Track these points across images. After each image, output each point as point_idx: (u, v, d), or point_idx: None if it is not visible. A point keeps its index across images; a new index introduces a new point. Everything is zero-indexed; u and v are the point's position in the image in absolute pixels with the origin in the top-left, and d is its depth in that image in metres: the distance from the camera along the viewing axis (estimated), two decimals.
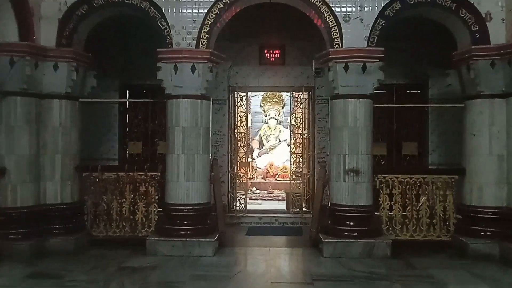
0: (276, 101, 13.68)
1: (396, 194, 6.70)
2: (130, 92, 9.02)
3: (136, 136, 8.86)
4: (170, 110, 6.56)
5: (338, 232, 6.37)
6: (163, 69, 6.47)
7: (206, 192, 6.62)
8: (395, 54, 6.50)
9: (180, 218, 6.45)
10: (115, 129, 8.87)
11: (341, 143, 6.47)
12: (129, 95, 9.02)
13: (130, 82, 8.88)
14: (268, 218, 8.59)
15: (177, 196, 6.46)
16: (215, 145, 8.70)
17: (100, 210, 6.83)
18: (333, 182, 6.58)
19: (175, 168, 6.46)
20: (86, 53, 6.91)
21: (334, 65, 6.42)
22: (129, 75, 8.74)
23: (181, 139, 6.45)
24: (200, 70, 6.42)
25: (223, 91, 8.82)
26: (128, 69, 8.70)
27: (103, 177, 6.80)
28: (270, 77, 8.97)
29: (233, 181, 8.85)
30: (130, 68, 8.67)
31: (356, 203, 6.38)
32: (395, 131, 8.77)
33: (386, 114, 8.41)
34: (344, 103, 6.45)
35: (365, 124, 6.44)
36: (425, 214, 6.71)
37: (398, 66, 8.25)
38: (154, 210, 6.78)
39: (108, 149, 8.83)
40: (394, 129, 8.77)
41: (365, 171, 6.42)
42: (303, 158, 9.04)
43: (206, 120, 6.62)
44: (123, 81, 8.87)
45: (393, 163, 8.61)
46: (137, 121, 8.99)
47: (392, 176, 6.72)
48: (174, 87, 6.48)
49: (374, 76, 6.40)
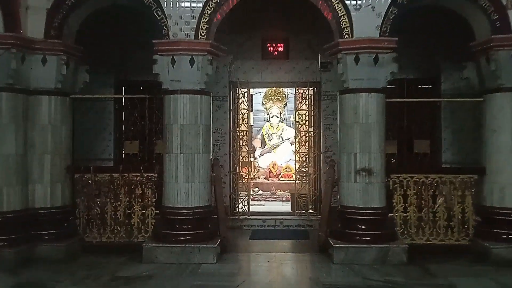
0: (279, 98, 13.27)
1: (411, 195, 6.24)
2: (126, 88, 8.58)
3: (133, 135, 8.48)
4: (167, 106, 6.10)
5: (349, 236, 5.92)
6: (160, 62, 6.02)
7: (207, 194, 6.16)
8: (405, 47, 6.07)
9: (178, 222, 6.00)
10: (110, 127, 8.44)
11: (351, 141, 6.02)
12: (125, 91, 8.58)
13: (126, 78, 8.45)
14: (273, 221, 8.15)
15: (175, 199, 6.01)
16: (216, 144, 8.26)
17: (93, 214, 6.37)
18: (343, 182, 6.12)
19: (173, 168, 6.01)
20: (77, 46, 6.45)
21: (343, 57, 5.96)
22: (125, 71, 8.30)
23: (179, 138, 6.00)
24: (199, 63, 5.97)
25: (224, 87, 8.37)
26: (124, 64, 8.25)
27: (96, 179, 6.34)
28: (273, 72, 8.53)
29: (235, 182, 8.40)
30: (126, 63, 8.23)
31: (369, 205, 5.93)
32: (405, 128, 8.33)
33: (397, 110, 7.96)
34: (355, 97, 5.99)
35: (378, 120, 5.98)
36: (443, 216, 6.25)
37: (408, 60, 7.77)
38: (151, 214, 6.33)
39: (103, 148, 8.39)
40: (405, 126, 8.33)
41: (378, 171, 5.97)
42: (308, 157, 8.59)
43: (206, 117, 6.16)
44: (118, 76, 8.44)
45: (404, 162, 8.19)
46: (133, 119, 8.58)
47: (407, 176, 6.26)
48: (171, 82, 6.03)
49: (387, 68, 5.95)
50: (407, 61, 7.70)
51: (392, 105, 7.08)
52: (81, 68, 6.63)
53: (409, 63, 7.91)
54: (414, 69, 8.20)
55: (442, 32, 7.71)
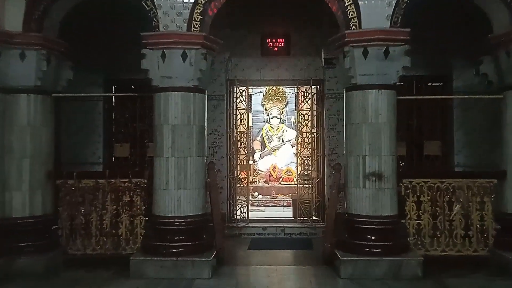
0: (279, 98, 12.80)
1: (425, 201, 5.70)
2: (116, 87, 8.06)
3: (124, 138, 8.00)
4: (157, 105, 5.57)
5: (358, 248, 5.37)
6: (149, 57, 5.50)
7: (201, 202, 5.62)
8: (414, 43, 5.55)
9: (170, 233, 5.46)
10: (99, 129, 7.92)
11: (360, 142, 5.48)
12: (116, 90, 8.06)
13: (116, 77, 7.93)
14: (273, 228, 7.61)
15: (166, 207, 5.47)
16: (212, 146, 7.75)
17: (77, 223, 5.81)
18: (350, 188, 5.58)
19: (164, 173, 5.47)
20: (60, 40, 5.91)
21: (351, 50, 5.43)
22: (115, 69, 7.75)
23: (170, 140, 5.47)
24: (192, 57, 5.44)
25: (221, 85, 7.85)
26: (114, 61, 7.69)
27: (80, 185, 5.80)
28: (273, 70, 8.03)
29: (233, 187, 7.86)
30: (116, 61, 7.66)
31: (379, 213, 5.39)
32: (415, 128, 7.81)
33: (405, 109, 7.42)
34: (363, 94, 5.46)
35: (388, 119, 5.45)
36: (459, 225, 5.71)
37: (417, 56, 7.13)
38: (140, 224, 5.78)
39: (92, 152, 7.87)
40: (415, 126, 7.81)
41: (389, 175, 5.43)
42: (311, 160, 8.06)
43: (200, 116, 5.63)
44: (108, 75, 7.93)
45: (413, 166, 7.67)
46: (124, 120, 8.07)
47: (420, 180, 5.72)
48: (162, 78, 5.50)
49: (398, 62, 5.43)
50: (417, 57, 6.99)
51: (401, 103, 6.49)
52: (65, 65, 6.11)
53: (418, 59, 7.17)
54: (424, 65, 7.64)
55: (454, 25, 7.20)
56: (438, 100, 7.74)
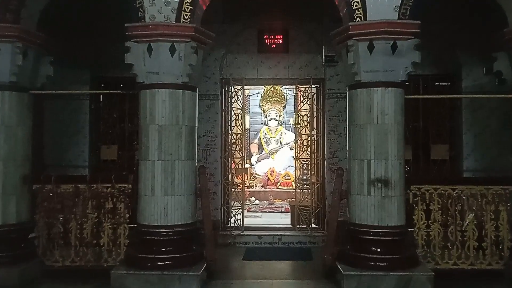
0: (277, 100, 12.33)
1: (435, 210, 5.23)
2: (104, 85, 7.53)
3: (111, 139, 7.50)
4: (143, 103, 5.11)
5: (362, 261, 4.90)
6: (134, 51, 5.04)
7: (190, 209, 5.14)
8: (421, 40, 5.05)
9: (155, 243, 4.98)
10: (85, 130, 7.43)
11: (364, 145, 5.01)
12: (103, 89, 7.52)
13: (104, 74, 7.43)
14: (270, 237, 7.12)
15: (152, 215, 4.99)
16: (206, 149, 7.29)
17: (55, 232, 5.33)
18: (353, 195, 5.11)
19: (149, 178, 5.00)
20: (38, 33, 5.44)
21: (355, 44, 4.97)
22: (102, 65, 7.27)
23: (157, 141, 5.00)
24: (182, 51, 4.98)
25: (215, 84, 7.38)
26: (101, 58, 7.22)
27: (58, 190, 5.31)
28: (271, 68, 7.56)
29: (228, 192, 7.37)
30: (103, 57, 7.18)
31: (385, 223, 4.92)
32: (421, 131, 7.34)
33: (411, 110, 6.94)
34: (368, 93, 5.00)
35: (396, 120, 4.99)
36: (472, 235, 5.23)
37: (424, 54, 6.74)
38: (123, 233, 5.29)
39: (77, 154, 7.37)
40: (421, 128, 7.34)
41: (396, 181, 4.96)
42: (311, 164, 7.57)
43: (190, 116, 5.16)
44: (95, 72, 7.44)
45: (419, 170, 7.19)
46: (112, 121, 7.57)
47: (430, 187, 5.25)
48: (148, 74, 5.04)
49: (407, 58, 4.98)
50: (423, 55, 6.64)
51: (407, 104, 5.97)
52: (44, 60, 5.66)
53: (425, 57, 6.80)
54: (431, 64, 7.17)
55: (462, 19, 6.77)
56: (446, 101, 7.29)
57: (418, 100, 7.14)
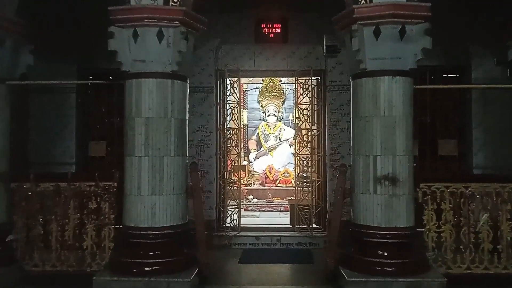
0: (276, 95, 11.95)
1: (447, 210, 4.82)
2: (92, 78, 7.12)
3: (100, 134, 7.08)
4: (128, 94, 4.70)
5: (367, 266, 4.49)
6: (118, 36, 4.63)
7: (180, 210, 4.73)
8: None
9: (142, 247, 4.57)
10: (72, 125, 7.03)
11: (370, 140, 4.60)
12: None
13: (92, 66, 7.01)
14: (268, 238, 6.71)
15: (138, 216, 4.58)
16: (200, 144, 6.87)
17: (34, 235, 4.93)
18: (358, 194, 4.70)
19: (135, 176, 4.59)
20: (17, 19, 5.01)
21: (360, 29, 4.55)
22: (91, 57, 6.84)
23: (143, 135, 4.59)
24: (170, 37, 4.56)
25: (209, 76, 6.95)
26: (89, 48, 6.76)
27: (38, 189, 4.90)
28: (268, 59, 7.15)
29: (223, 191, 6.96)
30: (91, 48, 6.71)
31: (393, 225, 4.51)
32: (429, 125, 6.92)
33: (418, 103, 6.44)
34: (374, 82, 4.59)
35: (404, 112, 4.58)
36: (487, 237, 4.82)
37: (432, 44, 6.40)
38: (108, 235, 4.88)
39: (63, 150, 6.96)
40: (428, 122, 6.93)
41: (405, 179, 4.55)
42: (311, 161, 7.16)
43: (180, 108, 4.74)
44: (83, 64, 7.02)
45: (426, 167, 6.79)
46: (100, 115, 7.15)
47: (441, 185, 4.83)
48: (133, 62, 4.63)
49: (416, 44, 4.57)
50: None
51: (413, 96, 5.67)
52: (24, 49, 5.23)
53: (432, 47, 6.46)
54: (439, 54, 6.70)
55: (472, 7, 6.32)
56: (455, 93, 6.91)
57: (425, 92, 6.73)
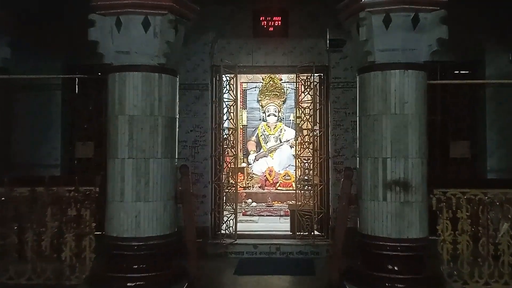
0: (276, 94, 11.52)
1: (464, 219, 4.35)
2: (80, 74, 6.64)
3: (87, 135, 6.63)
4: (111, 89, 4.24)
5: (376, 281, 4.03)
6: (99, 25, 4.18)
7: (168, 218, 4.26)
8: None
9: (126, 259, 4.10)
10: (57, 124, 6.57)
11: (378, 140, 4.14)
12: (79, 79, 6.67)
13: (79, 61, 6.55)
14: (267, 246, 6.26)
15: (121, 225, 4.11)
16: (194, 145, 6.43)
17: (8, 244, 4.47)
18: (365, 201, 4.23)
19: (118, 180, 4.12)
20: None
21: (368, 17, 4.09)
22: (77, 52, 6.37)
23: (127, 135, 4.13)
24: (157, 26, 4.11)
25: (204, 72, 6.51)
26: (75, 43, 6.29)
27: (12, 194, 4.45)
28: (267, 54, 6.74)
29: (219, 195, 6.50)
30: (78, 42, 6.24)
31: (405, 236, 4.04)
32: (439, 125, 6.47)
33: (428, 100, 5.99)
34: (384, 76, 4.13)
35: (417, 110, 4.12)
36: (508, 249, 4.36)
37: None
38: (89, 246, 4.43)
39: (47, 152, 6.51)
40: (438, 122, 6.47)
41: (418, 184, 4.09)
42: (313, 163, 6.70)
43: (168, 105, 4.28)
44: (69, 60, 6.58)
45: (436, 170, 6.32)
46: (88, 114, 6.70)
47: (456, 191, 4.37)
48: (116, 54, 4.18)
49: (431, 34, 4.10)
50: None
51: None
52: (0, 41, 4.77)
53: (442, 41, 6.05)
54: (450, 49, 6.26)
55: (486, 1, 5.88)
56: (467, 91, 6.45)
57: (436, 89, 6.28)
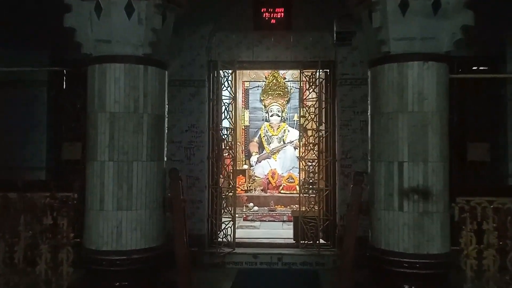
0: (280, 93, 11.06)
1: (490, 230, 3.84)
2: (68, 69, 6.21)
3: (74, 135, 6.15)
4: (90, 83, 3.80)
5: None
6: (77, 10, 3.75)
7: (155, 229, 3.79)
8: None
9: (106, 275, 3.63)
10: (43, 124, 6.12)
11: (394, 142, 3.66)
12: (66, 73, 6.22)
13: (66, 55, 6.07)
14: (268, 256, 5.78)
15: (100, 237, 3.65)
16: (189, 147, 5.96)
17: None
18: (378, 210, 3.74)
19: (97, 185, 3.66)
20: None
21: (382, 2, 3.62)
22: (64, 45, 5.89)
23: (107, 135, 3.66)
24: (142, 11, 3.65)
25: (201, 67, 6.05)
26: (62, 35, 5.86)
27: None
28: (269, 48, 6.28)
29: (216, 200, 6.01)
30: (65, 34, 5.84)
31: (424, 251, 3.56)
32: (456, 125, 5.95)
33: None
34: (400, 69, 3.65)
35: (438, 107, 3.65)
36: None
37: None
38: (67, 258, 3.94)
39: (32, 153, 6.08)
40: (455, 123, 5.95)
41: (439, 192, 3.60)
42: (318, 166, 6.20)
43: (155, 101, 3.81)
44: (56, 53, 6.13)
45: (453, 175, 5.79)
46: (75, 112, 6.22)
47: (483, 199, 3.86)
48: (96, 43, 3.73)
49: (454, 20, 3.63)
50: None
51: None
52: None
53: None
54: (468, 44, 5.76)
55: None
56: (487, 88, 5.95)
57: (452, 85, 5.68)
